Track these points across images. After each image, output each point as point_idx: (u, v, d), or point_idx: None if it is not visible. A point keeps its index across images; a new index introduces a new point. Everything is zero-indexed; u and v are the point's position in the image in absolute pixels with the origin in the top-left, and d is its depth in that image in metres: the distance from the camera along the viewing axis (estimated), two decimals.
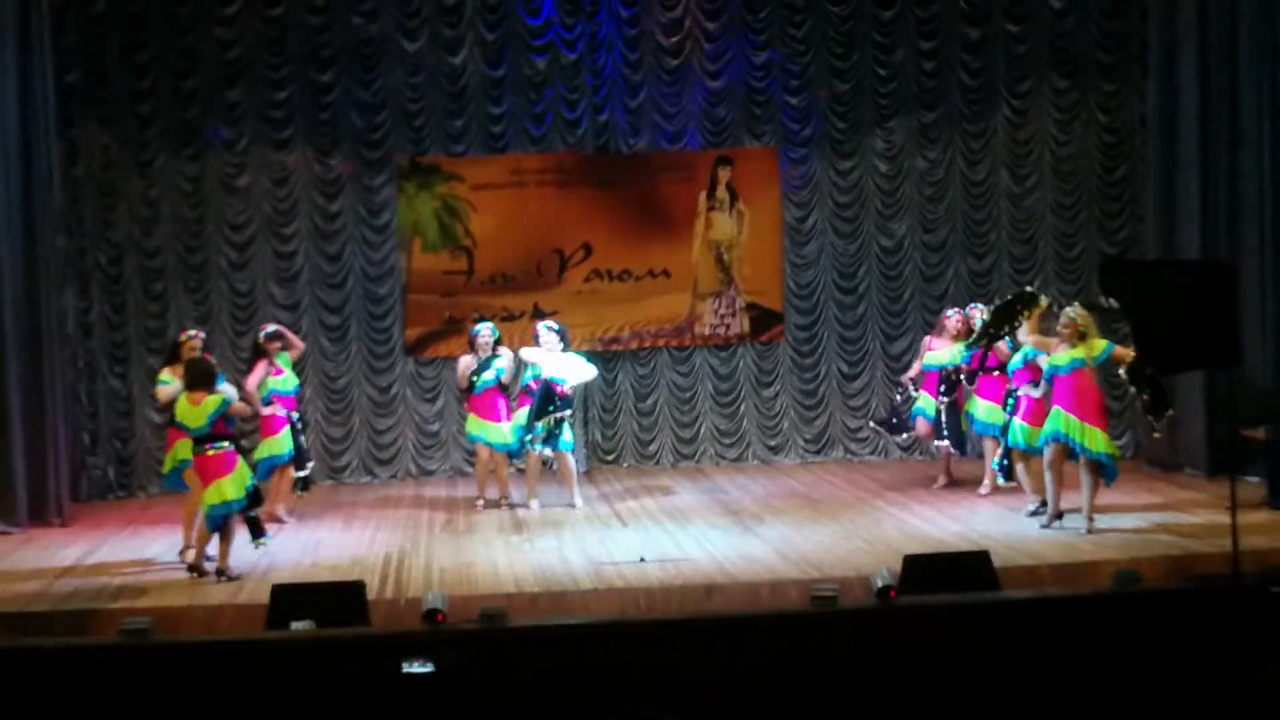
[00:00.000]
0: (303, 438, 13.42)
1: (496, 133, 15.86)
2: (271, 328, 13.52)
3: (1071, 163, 16.08)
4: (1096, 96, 15.95)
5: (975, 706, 7.42)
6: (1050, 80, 15.99)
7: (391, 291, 15.86)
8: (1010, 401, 12.71)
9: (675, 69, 16.02)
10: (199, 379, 11.23)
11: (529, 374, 13.80)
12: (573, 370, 13.76)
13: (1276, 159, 13.55)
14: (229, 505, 11.09)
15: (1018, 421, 12.43)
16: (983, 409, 13.39)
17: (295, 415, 13.34)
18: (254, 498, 11.32)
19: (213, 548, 11.27)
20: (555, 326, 13.82)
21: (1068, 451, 11.92)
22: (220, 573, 11.10)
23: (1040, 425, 12.15)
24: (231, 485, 11.08)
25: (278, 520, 13.23)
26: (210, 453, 11.14)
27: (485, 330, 13.88)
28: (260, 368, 13.11)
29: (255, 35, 15.38)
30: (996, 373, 13.24)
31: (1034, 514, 12.44)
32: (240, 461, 11.26)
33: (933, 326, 14.53)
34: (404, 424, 15.96)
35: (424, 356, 15.97)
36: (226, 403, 11.22)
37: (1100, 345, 11.96)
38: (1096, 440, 11.83)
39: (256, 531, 11.44)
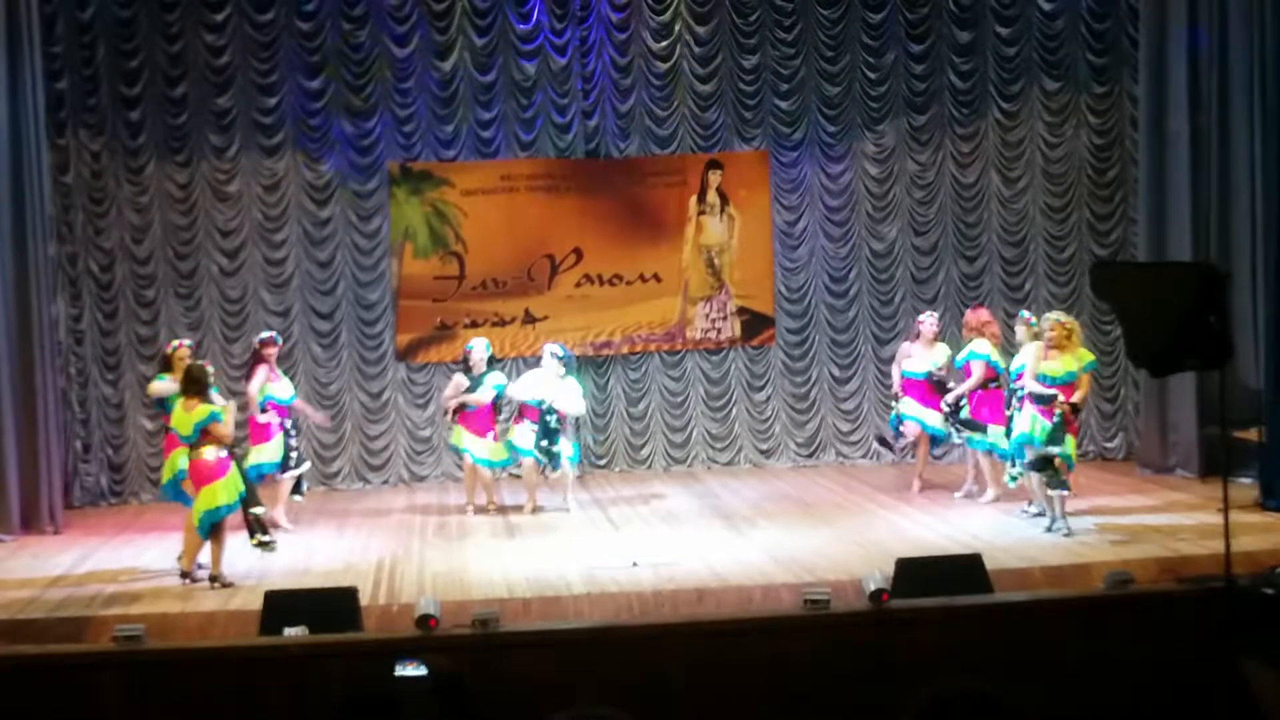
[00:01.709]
0: (294, 440, 13.29)
1: (487, 138, 15.86)
2: (266, 334, 13.55)
3: (1062, 165, 16.10)
4: (1087, 99, 15.98)
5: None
6: (1040, 83, 16.02)
7: (382, 297, 15.85)
8: (1015, 404, 12.62)
9: (665, 73, 16.04)
10: (190, 386, 11.27)
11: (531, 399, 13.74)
12: (568, 400, 13.78)
13: (1267, 161, 13.55)
14: (217, 511, 11.09)
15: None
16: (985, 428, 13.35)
17: (289, 424, 13.30)
18: (247, 502, 11.33)
19: (205, 555, 11.27)
20: (560, 353, 13.82)
21: None
22: (213, 579, 11.08)
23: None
24: (223, 490, 11.09)
25: (277, 526, 13.18)
26: (204, 456, 11.15)
27: (480, 347, 13.86)
28: (260, 372, 13.10)
29: (245, 41, 15.38)
30: (992, 385, 13.25)
31: (1025, 515, 12.44)
32: (234, 467, 11.27)
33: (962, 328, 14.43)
34: (395, 430, 15.94)
35: (415, 362, 15.96)
36: (214, 416, 11.19)
37: (1088, 356, 12.04)
38: (1070, 446, 11.94)
39: (255, 529, 11.48)
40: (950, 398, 13.43)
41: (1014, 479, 12.75)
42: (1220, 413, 10.74)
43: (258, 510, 11.62)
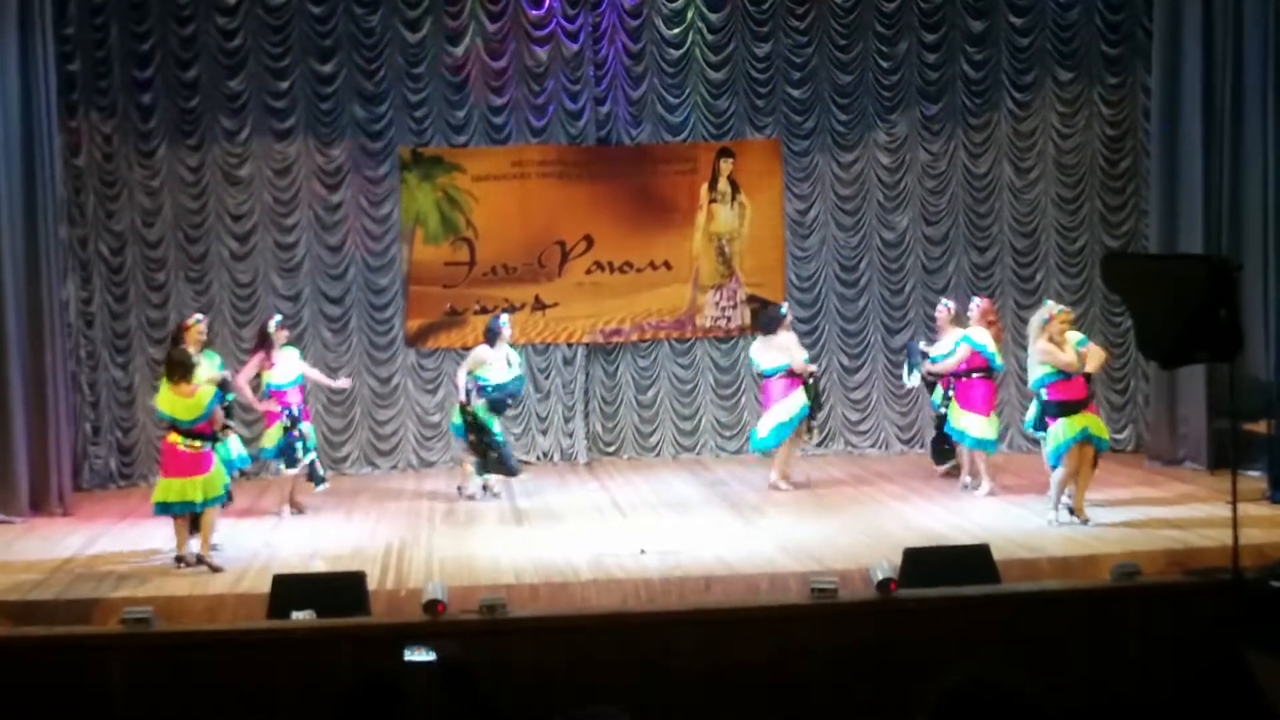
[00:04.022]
0: (294, 433, 13.13)
1: (498, 124, 15.85)
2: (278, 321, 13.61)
3: (1074, 156, 16.06)
4: (1100, 90, 15.93)
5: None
6: (1053, 73, 15.98)
7: (393, 282, 15.85)
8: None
9: (677, 60, 16.01)
10: (176, 371, 11.26)
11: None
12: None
13: (1279, 153, 13.54)
14: (190, 505, 11.10)
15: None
16: (964, 420, 13.31)
17: (293, 410, 13.18)
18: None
19: (216, 536, 11.31)
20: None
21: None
22: (179, 559, 11.12)
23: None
24: (203, 486, 11.09)
25: (273, 515, 13.20)
26: (187, 448, 11.14)
27: (508, 323, 14.03)
28: (253, 362, 13.11)
29: (257, 24, 15.37)
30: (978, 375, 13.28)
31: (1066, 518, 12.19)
32: (216, 463, 11.23)
33: (934, 321, 14.45)
34: (405, 415, 15.95)
35: (425, 348, 15.97)
36: (220, 395, 11.19)
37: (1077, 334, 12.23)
38: (1102, 430, 12.11)
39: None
40: (934, 369, 13.50)
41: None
42: (1230, 405, 10.72)
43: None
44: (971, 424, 13.25)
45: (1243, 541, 8.92)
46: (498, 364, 13.70)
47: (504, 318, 14.18)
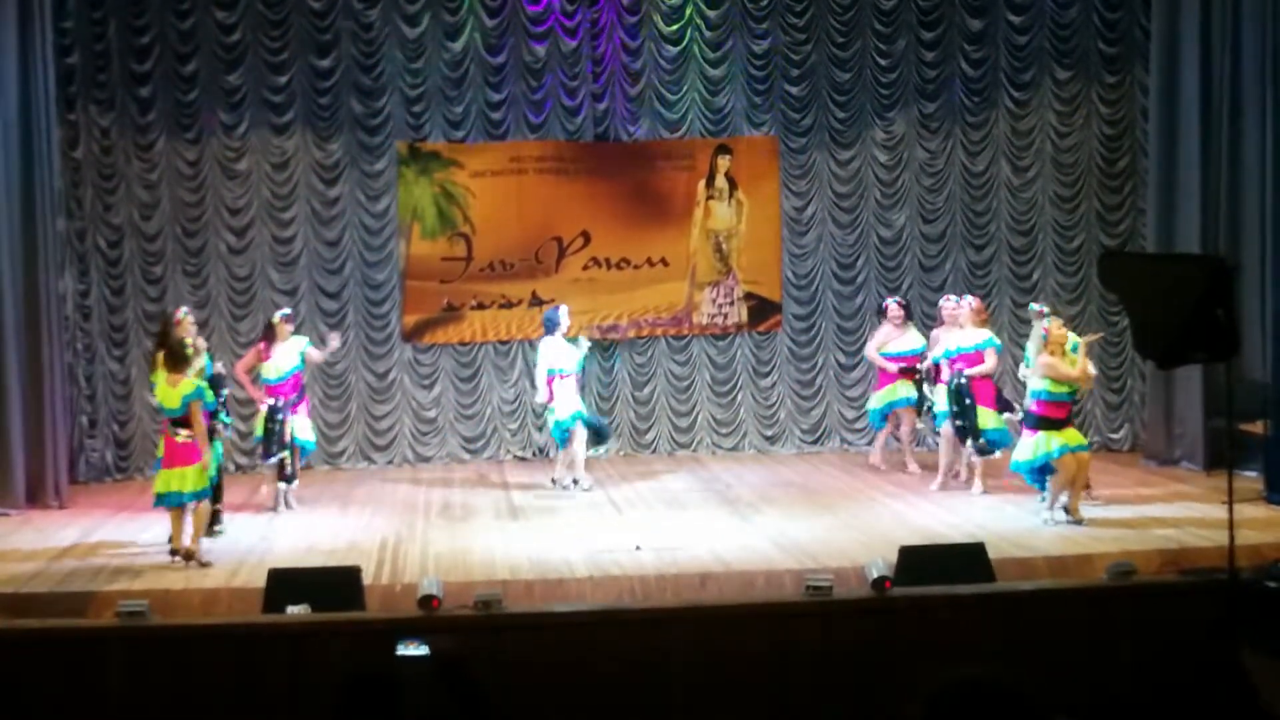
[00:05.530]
0: (274, 424, 12.94)
1: (496, 119, 15.84)
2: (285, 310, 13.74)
3: (1072, 155, 16.06)
4: (1098, 89, 15.94)
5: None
6: (1052, 71, 15.98)
7: (390, 277, 15.84)
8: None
9: (675, 57, 16.00)
10: (170, 360, 11.27)
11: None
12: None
13: (1278, 152, 13.53)
14: (180, 496, 11.11)
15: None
16: (987, 418, 13.30)
17: (278, 402, 13.01)
18: (214, 493, 11.45)
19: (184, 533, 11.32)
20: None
21: None
22: (174, 552, 11.11)
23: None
24: (191, 477, 11.08)
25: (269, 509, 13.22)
26: (179, 438, 11.14)
27: (567, 314, 14.11)
28: (251, 353, 13.16)
29: (256, 19, 15.36)
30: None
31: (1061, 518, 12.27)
32: (207, 457, 11.21)
33: (934, 319, 14.45)
34: (401, 410, 15.95)
35: (422, 343, 15.96)
36: (200, 391, 11.16)
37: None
38: (1079, 440, 12.21)
39: (211, 520, 11.69)
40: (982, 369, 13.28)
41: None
42: (1227, 405, 10.72)
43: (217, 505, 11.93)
44: (990, 421, 13.20)
45: (1238, 542, 8.93)
46: (565, 351, 13.83)
47: (563, 309, 14.16)
